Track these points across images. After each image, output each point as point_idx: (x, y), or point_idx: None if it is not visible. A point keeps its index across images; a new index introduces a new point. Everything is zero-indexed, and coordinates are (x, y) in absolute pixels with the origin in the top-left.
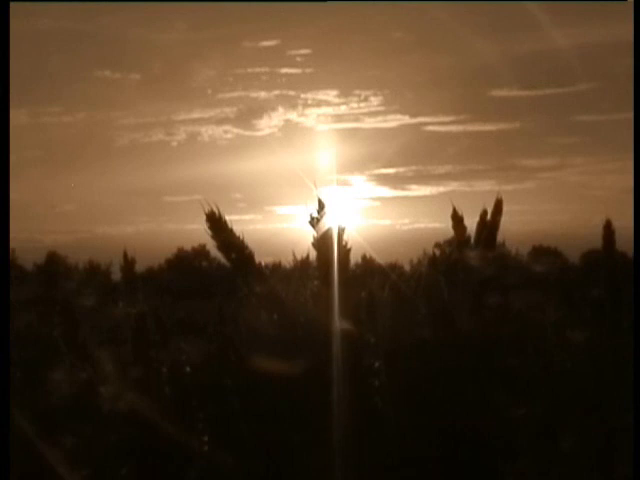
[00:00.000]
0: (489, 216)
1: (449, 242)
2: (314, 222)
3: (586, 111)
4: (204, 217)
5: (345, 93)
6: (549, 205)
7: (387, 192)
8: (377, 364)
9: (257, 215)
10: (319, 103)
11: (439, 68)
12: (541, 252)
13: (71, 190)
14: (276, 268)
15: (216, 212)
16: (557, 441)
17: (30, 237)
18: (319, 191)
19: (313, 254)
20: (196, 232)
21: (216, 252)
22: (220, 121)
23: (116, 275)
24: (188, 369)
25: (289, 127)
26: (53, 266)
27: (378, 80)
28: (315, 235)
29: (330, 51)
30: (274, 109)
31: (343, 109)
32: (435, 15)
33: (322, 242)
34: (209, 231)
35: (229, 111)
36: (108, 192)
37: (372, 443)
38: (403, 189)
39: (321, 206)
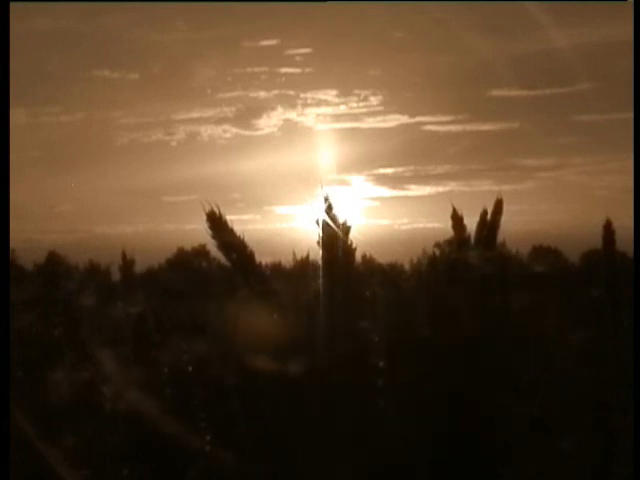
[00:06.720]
0: (489, 216)
1: (449, 242)
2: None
3: (586, 111)
4: (204, 217)
5: (344, 93)
6: (549, 205)
7: (386, 192)
8: (377, 364)
9: (256, 215)
10: (318, 103)
11: (438, 68)
12: (541, 252)
13: (71, 190)
14: (276, 268)
15: (217, 212)
16: (557, 441)
17: (30, 237)
18: (325, 190)
19: (313, 254)
20: (196, 232)
21: (216, 252)
22: (219, 121)
23: (116, 275)
24: (188, 369)
25: (288, 127)
26: (53, 266)
27: (377, 80)
28: (320, 234)
29: (330, 51)
30: (273, 109)
31: (342, 109)
32: (435, 15)
33: (328, 241)
34: (209, 231)
35: (228, 111)
36: (108, 192)
37: (372, 443)
38: (402, 189)
39: (328, 205)
